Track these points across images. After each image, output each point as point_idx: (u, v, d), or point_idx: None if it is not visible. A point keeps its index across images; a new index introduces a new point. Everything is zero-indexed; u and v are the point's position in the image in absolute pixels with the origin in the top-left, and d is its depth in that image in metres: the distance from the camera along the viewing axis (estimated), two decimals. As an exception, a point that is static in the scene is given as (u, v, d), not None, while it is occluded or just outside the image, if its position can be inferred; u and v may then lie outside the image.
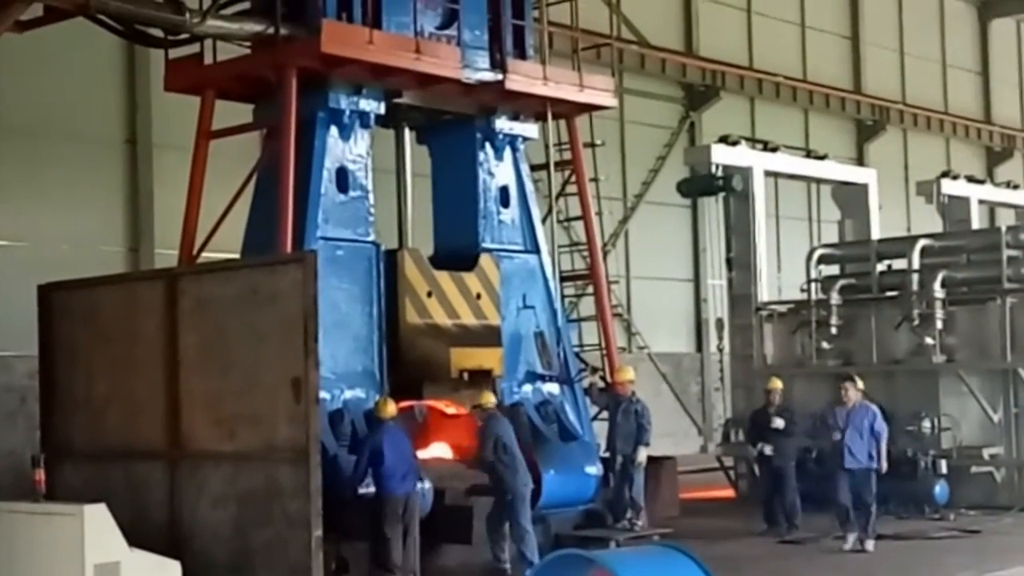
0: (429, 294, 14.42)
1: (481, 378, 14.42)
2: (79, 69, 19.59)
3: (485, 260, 15.04)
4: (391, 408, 12.90)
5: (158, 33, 13.97)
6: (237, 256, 13.99)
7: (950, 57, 37.51)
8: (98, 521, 9.82)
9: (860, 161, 32.20)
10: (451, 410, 14.47)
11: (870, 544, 14.74)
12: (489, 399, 13.68)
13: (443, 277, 14.58)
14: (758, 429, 16.48)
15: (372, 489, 12.42)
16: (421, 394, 14.18)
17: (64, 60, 19.05)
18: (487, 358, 14.54)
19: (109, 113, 20.30)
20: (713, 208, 22.87)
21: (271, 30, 13.69)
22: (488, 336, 14.79)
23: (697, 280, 29.13)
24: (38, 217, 19.22)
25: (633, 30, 27.77)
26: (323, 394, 12.45)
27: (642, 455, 15.46)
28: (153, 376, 11.45)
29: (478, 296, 14.85)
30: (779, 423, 16.10)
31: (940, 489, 17.42)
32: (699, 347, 28.90)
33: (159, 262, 19.12)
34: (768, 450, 16.18)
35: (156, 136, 20.35)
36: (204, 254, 14.51)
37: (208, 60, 14.56)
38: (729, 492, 20.11)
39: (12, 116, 18.99)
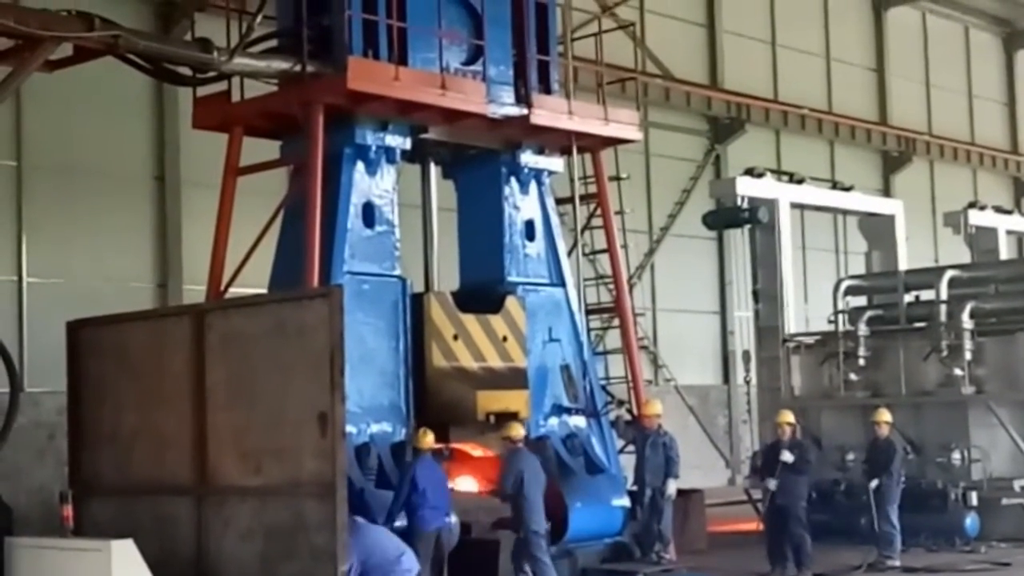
0: (455, 337, 14.46)
1: (507, 421, 14.45)
2: (108, 107, 19.77)
3: (511, 302, 15.06)
4: (429, 439, 13.02)
5: (186, 71, 14.09)
6: (265, 292, 14.08)
7: (976, 88, 37.43)
8: (125, 557, 9.88)
9: (887, 192, 32.13)
10: (477, 452, 14.49)
11: None
12: (518, 431, 13.66)
13: (469, 320, 14.60)
14: (767, 463, 15.82)
15: (402, 523, 12.46)
16: (448, 437, 14.17)
17: (94, 98, 19.25)
18: (513, 401, 14.56)
19: (138, 150, 20.48)
20: (739, 240, 22.87)
21: (298, 67, 13.83)
22: (514, 378, 14.82)
23: (724, 312, 29.07)
24: (68, 254, 19.39)
25: (658, 64, 27.85)
26: (349, 428, 12.52)
27: (671, 488, 15.46)
28: (180, 411, 11.50)
29: (504, 338, 14.87)
30: (787, 457, 15.34)
31: (971, 521, 17.30)
32: (726, 379, 28.80)
33: (187, 298, 19.24)
34: (772, 485, 15.40)
35: (184, 173, 20.51)
36: (232, 290, 14.61)
37: (236, 97, 14.71)
38: (757, 525, 19.96)
39: (43, 154, 19.20)
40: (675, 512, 16.00)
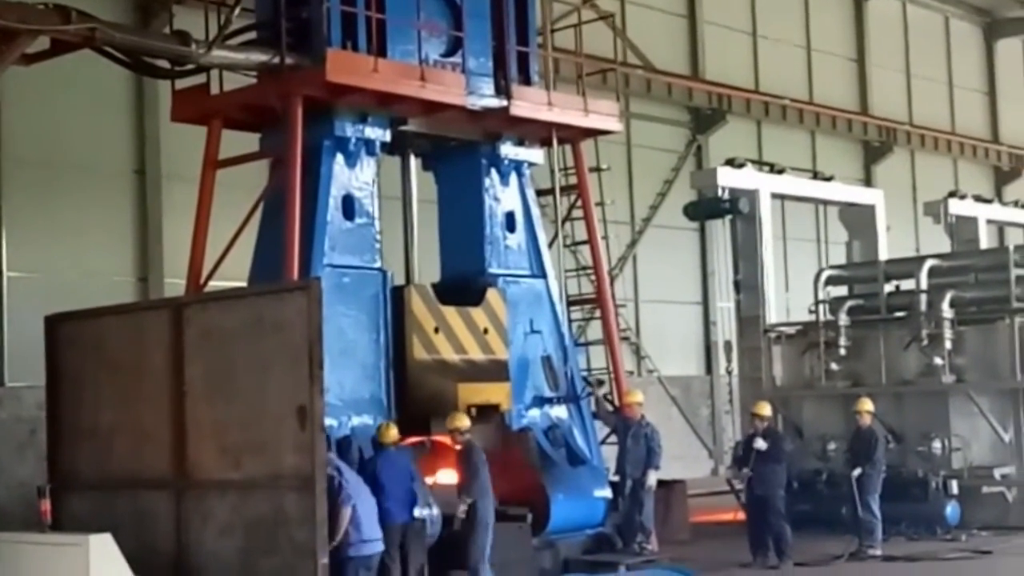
0: (436, 330, 14.42)
1: (489, 413, 14.45)
2: (88, 100, 19.68)
3: (492, 294, 15.04)
4: (392, 433, 12.87)
5: (165, 64, 14.04)
6: (245, 285, 14.04)
7: (957, 78, 37.50)
8: (103, 551, 9.86)
9: (868, 182, 32.15)
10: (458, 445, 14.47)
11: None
12: (464, 422, 13.43)
13: (450, 312, 14.58)
14: (745, 454, 15.84)
15: None
16: (429, 430, 14.15)
17: (73, 91, 19.15)
18: (495, 393, 14.56)
19: (118, 144, 20.39)
20: (721, 231, 22.89)
21: (276, 60, 13.78)
22: (496, 371, 14.80)
23: (706, 303, 29.09)
24: (48, 248, 19.29)
25: (639, 55, 27.84)
26: (330, 421, 12.52)
27: (652, 479, 15.47)
28: (159, 405, 11.48)
29: (485, 331, 14.83)
30: (760, 444, 15.41)
31: (951, 510, 17.38)
32: (709, 370, 28.84)
33: (168, 291, 19.19)
34: (746, 473, 15.50)
35: (165, 166, 20.42)
36: (212, 283, 14.55)
37: (215, 90, 14.67)
38: (740, 515, 20.03)
39: (22, 148, 19.10)
40: (657, 503, 16.01)
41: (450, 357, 14.50)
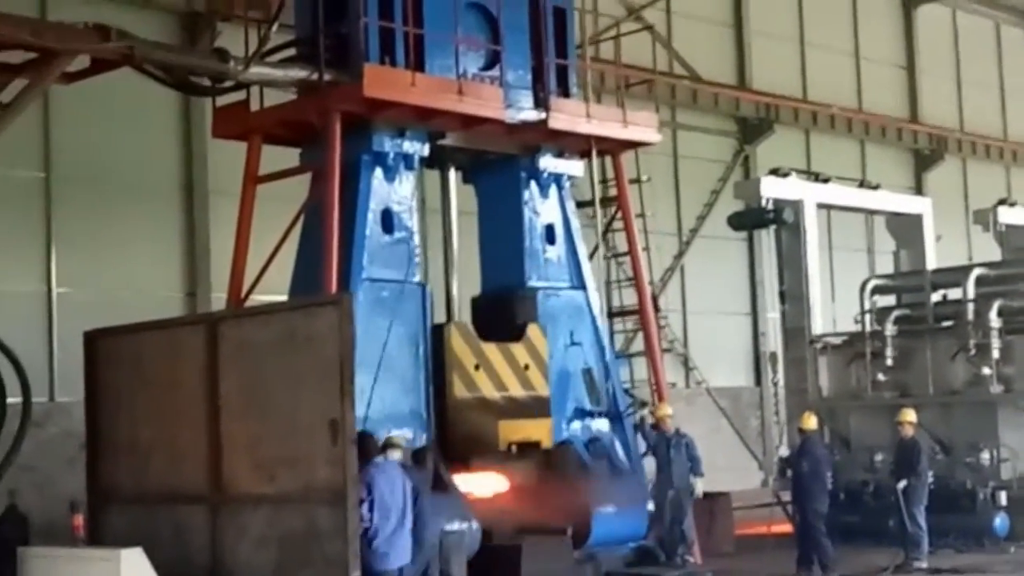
0: (477, 367, 14.42)
1: (530, 450, 14.48)
2: (136, 118, 19.87)
3: (532, 330, 15.02)
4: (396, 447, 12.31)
5: (205, 82, 14.17)
6: (286, 299, 14.14)
7: (1008, 84, 37.05)
8: (135, 565, 9.97)
9: (919, 191, 31.87)
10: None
11: None
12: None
13: (490, 349, 14.57)
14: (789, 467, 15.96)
15: None
16: (470, 467, 14.18)
17: (121, 109, 19.36)
18: (535, 430, 14.62)
19: (166, 160, 20.58)
20: (769, 241, 22.74)
21: (315, 76, 13.88)
22: (537, 407, 14.81)
23: (755, 313, 28.94)
24: (97, 264, 19.51)
25: (685, 65, 27.77)
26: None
27: (700, 487, 15.51)
28: (195, 420, 11.59)
29: (526, 367, 14.82)
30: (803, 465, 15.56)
31: (1000, 521, 17.17)
32: (758, 381, 28.67)
33: (215, 306, 19.30)
34: (787, 488, 15.66)
35: (212, 182, 20.59)
36: (254, 297, 14.67)
37: (255, 106, 14.79)
38: (774, 527, 19.88)
39: (70, 166, 19.34)
40: (702, 515, 15.98)
41: (491, 394, 14.48)
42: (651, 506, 15.30)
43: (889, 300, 20.53)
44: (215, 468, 11.40)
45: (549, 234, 15.74)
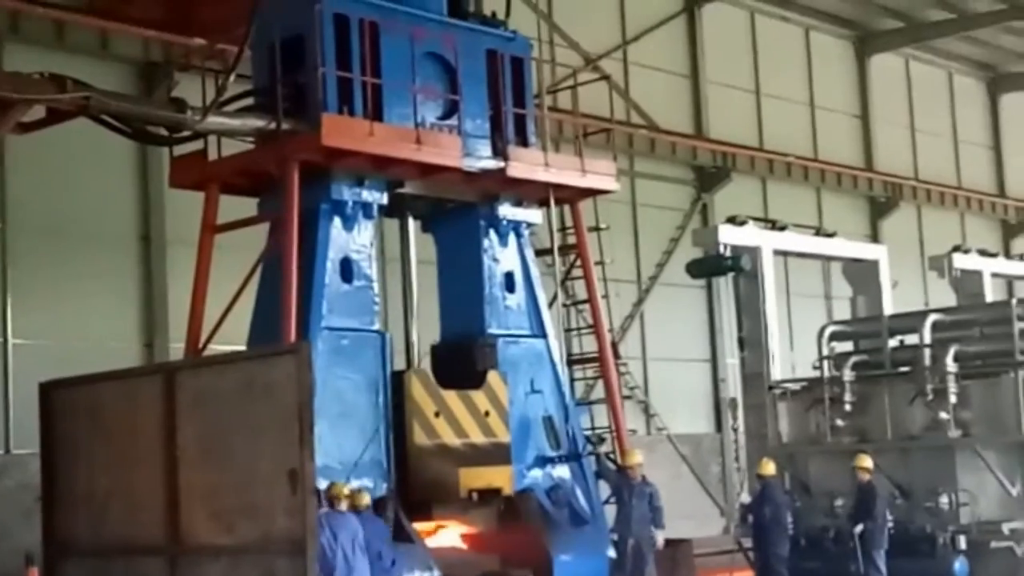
0: (437, 414, 14.44)
1: (491, 497, 14.47)
2: (93, 168, 19.79)
3: (493, 377, 15.06)
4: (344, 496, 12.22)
5: (162, 131, 14.16)
6: (244, 348, 14.08)
7: (961, 132, 37.53)
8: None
9: (875, 238, 32.10)
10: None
11: None
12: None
13: (451, 396, 14.60)
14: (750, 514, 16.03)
15: None
16: (431, 515, 14.18)
17: (78, 158, 19.28)
18: (496, 477, 14.63)
19: (123, 210, 20.49)
20: (728, 288, 22.85)
21: (273, 125, 13.91)
22: (497, 454, 14.83)
23: (714, 360, 29.01)
24: (54, 315, 19.34)
25: (643, 115, 27.98)
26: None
27: (660, 538, 15.46)
28: (153, 470, 11.50)
29: (486, 413, 14.85)
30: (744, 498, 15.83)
31: (960, 566, 17.18)
32: (719, 427, 28.70)
33: (174, 356, 19.18)
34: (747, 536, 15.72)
35: (170, 232, 20.50)
36: (212, 346, 14.60)
37: (213, 156, 14.79)
38: (750, 574, 19.88)
39: (27, 215, 19.21)
40: (664, 562, 15.93)
41: (451, 441, 14.49)
42: (612, 553, 15.28)
43: (847, 346, 20.65)
44: (173, 519, 11.31)
45: (508, 282, 15.80)
